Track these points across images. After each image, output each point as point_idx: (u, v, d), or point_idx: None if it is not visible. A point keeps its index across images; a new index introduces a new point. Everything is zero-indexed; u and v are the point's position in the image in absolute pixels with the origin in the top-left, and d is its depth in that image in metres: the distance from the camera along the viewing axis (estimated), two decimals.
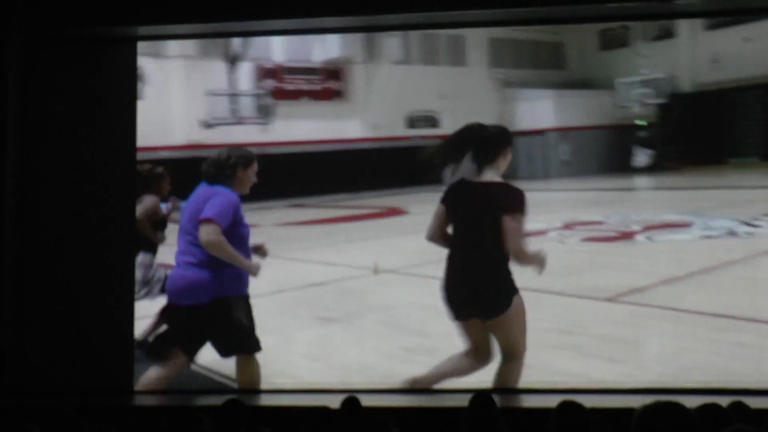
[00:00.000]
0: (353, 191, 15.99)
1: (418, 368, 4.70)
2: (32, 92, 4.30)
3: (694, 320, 5.34)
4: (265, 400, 4.18)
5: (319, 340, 5.43)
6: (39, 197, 4.26)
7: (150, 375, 4.02)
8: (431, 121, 27.75)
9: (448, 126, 28.16)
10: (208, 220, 3.49)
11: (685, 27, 28.60)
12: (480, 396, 2.84)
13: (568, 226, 11.29)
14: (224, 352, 3.90)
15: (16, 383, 4.17)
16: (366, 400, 3.04)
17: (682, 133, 27.00)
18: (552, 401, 2.61)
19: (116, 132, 4.23)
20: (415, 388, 4.08)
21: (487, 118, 26.85)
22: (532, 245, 9.78)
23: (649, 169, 27.73)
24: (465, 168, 3.21)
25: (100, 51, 4.29)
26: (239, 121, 4.70)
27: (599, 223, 11.64)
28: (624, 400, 3.50)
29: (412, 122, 26.86)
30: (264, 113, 22.34)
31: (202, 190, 3.70)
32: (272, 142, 22.36)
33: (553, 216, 12.68)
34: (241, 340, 3.89)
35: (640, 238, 9.72)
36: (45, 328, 4.21)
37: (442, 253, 10.20)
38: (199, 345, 3.89)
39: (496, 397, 2.80)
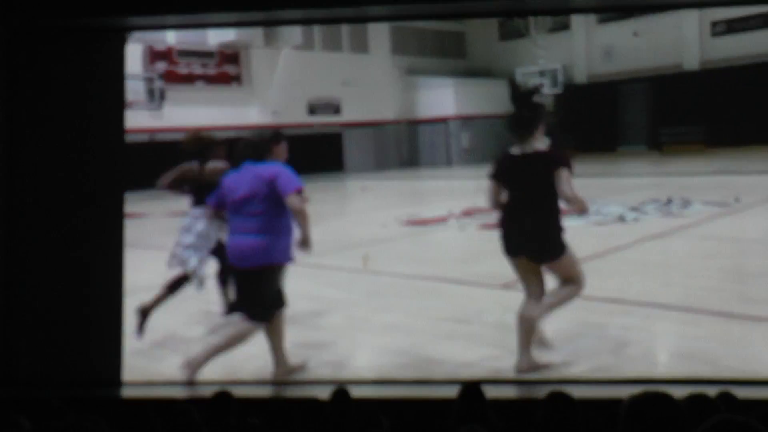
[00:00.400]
0: None
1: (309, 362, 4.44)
2: (18, 84, 4.34)
3: (585, 305, 5.33)
4: (255, 392, 4.12)
5: (205, 336, 5.06)
6: (26, 189, 4.33)
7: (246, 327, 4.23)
8: (333, 108, 27.47)
9: (350, 113, 28.21)
10: (298, 191, 4.05)
11: (579, 20, 29.61)
12: (469, 387, 2.84)
13: (468, 213, 11.25)
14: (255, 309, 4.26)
15: (4, 375, 4.19)
16: (356, 392, 3.01)
17: (577, 121, 28.05)
18: (541, 392, 2.66)
19: (105, 123, 4.32)
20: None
21: (390, 106, 26.82)
22: (438, 231, 9.91)
23: None
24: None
25: (88, 42, 4.32)
26: (126, 105, 4.43)
27: None
28: (612, 390, 3.54)
29: (314, 109, 27.03)
30: (154, 97, 21.29)
31: (251, 169, 4.15)
32: (163, 128, 21.32)
33: (454, 203, 12.69)
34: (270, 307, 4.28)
35: None
36: (32, 319, 4.29)
37: (340, 242, 10.18)
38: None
39: (485, 388, 2.81)
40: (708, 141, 24.20)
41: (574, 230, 9.01)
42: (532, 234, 4.00)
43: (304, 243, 4.10)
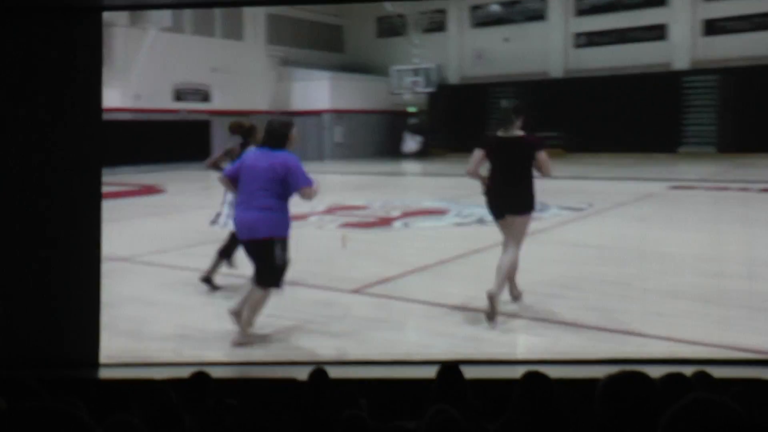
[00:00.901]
0: (108, 166, 14.48)
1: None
2: None
3: (434, 312, 5.23)
4: (232, 372, 4.19)
5: None
6: (1, 168, 4.26)
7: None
8: (202, 95, 26.31)
9: (220, 101, 27.15)
10: (309, 184, 4.62)
11: (454, 22, 30.29)
12: (447, 367, 2.86)
13: (331, 211, 11.05)
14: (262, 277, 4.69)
15: None
16: (333, 372, 3.04)
17: (449, 121, 28.68)
18: (519, 372, 2.64)
19: (82, 102, 4.30)
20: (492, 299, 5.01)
21: (262, 96, 25.96)
22: (293, 229, 9.58)
23: (418, 155, 29.08)
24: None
25: (63, 21, 4.27)
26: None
27: (363, 207, 11.57)
28: (589, 370, 3.65)
29: (180, 95, 25.69)
30: None
31: (268, 154, 4.68)
32: None
33: (319, 200, 12.41)
34: (278, 274, 4.70)
35: (397, 224, 9.70)
36: (8, 299, 4.23)
37: (187, 239, 9.55)
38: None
39: (463, 369, 2.85)
40: (567, 146, 25.47)
41: (434, 231, 9.06)
42: (519, 195, 5.16)
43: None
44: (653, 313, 5.27)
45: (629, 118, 23.76)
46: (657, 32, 24.53)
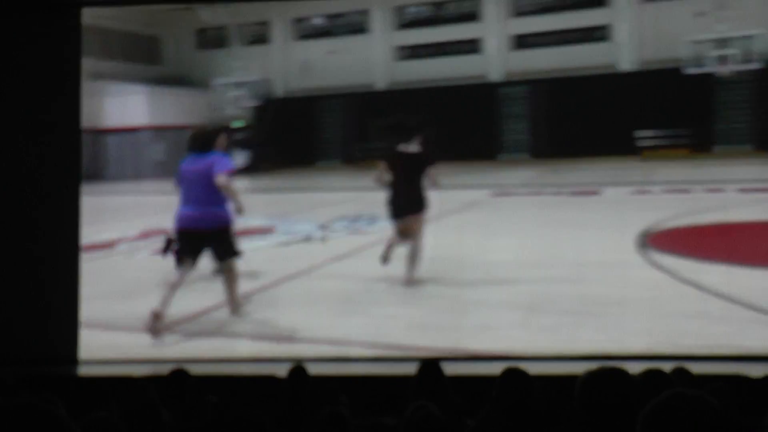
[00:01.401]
0: None
1: None
2: None
3: (242, 348, 4.70)
4: (211, 369, 4.14)
5: None
6: None
7: (174, 277, 5.16)
8: None
9: None
10: (227, 172, 5.16)
11: (278, 34, 29.78)
12: (428, 364, 2.91)
13: (145, 235, 10.02)
14: (224, 256, 5.33)
15: None
16: (313, 369, 3.06)
17: (276, 135, 28.06)
18: (499, 368, 2.64)
19: (60, 99, 4.25)
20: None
21: None
22: (99, 258, 8.59)
23: (245, 171, 28.09)
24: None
25: (41, 17, 4.14)
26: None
27: None
28: (568, 366, 3.67)
29: None
30: None
31: (197, 157, 5.26)
32: None
33: (131, 223, 11.33)
34: (234, 250, 5.39)
35: None
36: None
37: None
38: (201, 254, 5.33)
39: (443, 365, 2.88)
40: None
41: (257, 253, 8.42)
42: (414, 197, 6.21)
43: (238, 210, 5.35)
44: (482, 326, 5.07)
45: (450, 127, 24.59)
46: (473, 45, 25.65)
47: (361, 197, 15.91)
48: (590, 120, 22.72)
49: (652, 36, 22.66)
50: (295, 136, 27.66)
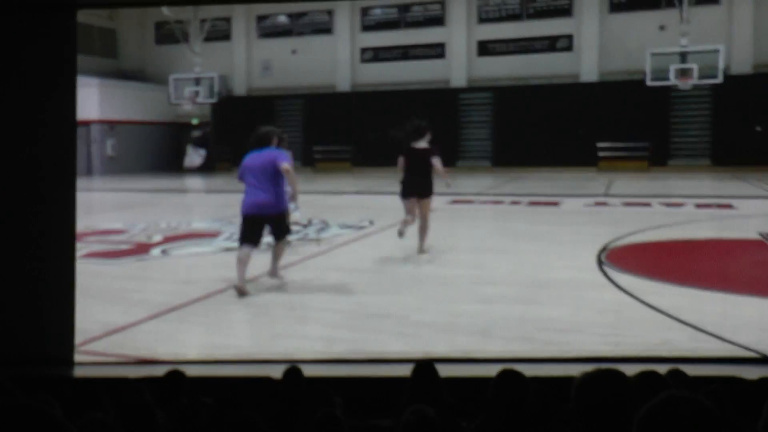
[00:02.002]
0: None
1: None
2: None
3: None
4: (207, 371, 4.04)
5: None
6: None
7: (242, 254, 6.27)
8: None
9: None
10: (288, 163, 6.26)
11: (240, 31, 29.05)
12: (422, 365, 2.90)
13: (78, 237, 9.42)
14: (280, 236, 6.48)
15: None
16: (308, 371, 3.02)
17: (234, 134, 27.32)
18: (494, 370, 2.60)
19: (55, 100, 4.22)
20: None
21: None
22: None
23: (201, 170, 27.42)
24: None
25: (37, 17, 4.17)
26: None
27: (119, 232, 10.07)
28: (564, 368, 3.63)
29: None
30: None
31: (259, 153, 6.31)
32: None
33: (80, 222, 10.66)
34: (288, 230, 6.75)
35: (155, 251, 8.40)
36: None
37: None
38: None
39: (438, 367, 2.87)
40: (354, 161, 25.43)
41: (195, 259, 7.92)
42: (422, 183, 7.75)
43: (293, 197, 6.59)
44: (426, 355, 4.68)
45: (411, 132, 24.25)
46: (437, 50, 25.39)
47: (317, 201, 15.44)
48: (551, 129, 22.63)
49: (615, 47, 22.70)
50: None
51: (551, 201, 14.13)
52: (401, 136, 7.89)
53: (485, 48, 24.78)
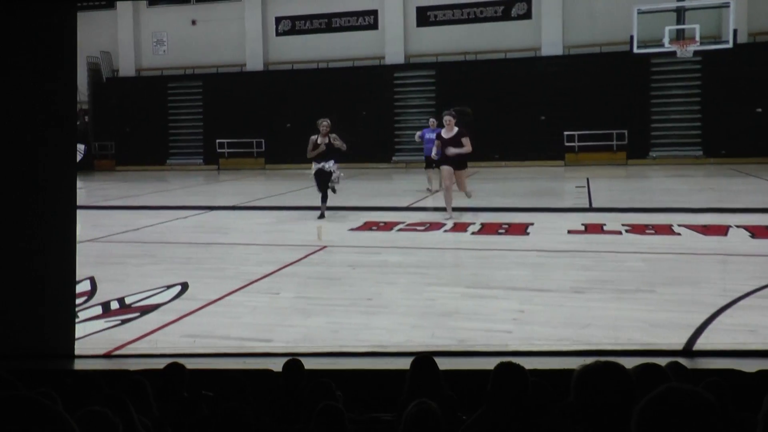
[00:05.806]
0: None
1: None
2: None
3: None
4: (207, 364, 4.18)
5: None
6: None
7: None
8: None
9: None
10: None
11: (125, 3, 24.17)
12: (422, 359, 3.05)
13: None
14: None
15: None
16: (308, 363, 3.28)
17: (120, 125, 22.68)
18: (493, 363, 2.64)
19: (56, 93, 4.48)
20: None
21: None
22: None
23: (78, 169, 22.56)
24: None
25: (37, 12, 4.42)
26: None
27: None
28: (563, 361, 3.70)
29: None
30: None
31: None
32: None
33: None
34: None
35: None
36: None
37: None
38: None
39: (437, 360, 3.02)
40: (269, 157, 21.16)
41: None
42: (458, 160, 9.97)
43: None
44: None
45: (343, 122, 19.95)
46: (368, 19, 21.28)
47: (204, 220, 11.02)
48: (507, 115, 18.71)
49: (583, 14, 18.91)
50: (144, 125, 22.21)
51: (513, 224, 9.36)
52: (456, 114, 9.90)
53: (425, 16, 20.87)
